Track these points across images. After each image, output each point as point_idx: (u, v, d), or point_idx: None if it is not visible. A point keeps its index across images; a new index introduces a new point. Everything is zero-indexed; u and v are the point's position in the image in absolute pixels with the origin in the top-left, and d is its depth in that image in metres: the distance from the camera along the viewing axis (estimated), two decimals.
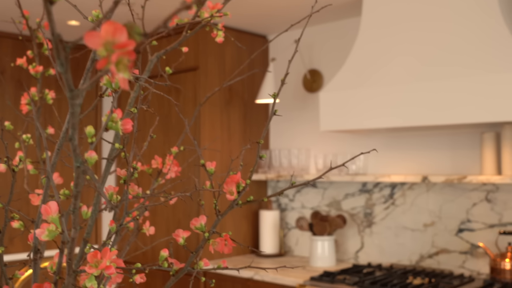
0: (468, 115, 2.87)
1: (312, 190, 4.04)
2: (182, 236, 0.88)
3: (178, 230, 0.88)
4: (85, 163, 0.46)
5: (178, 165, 1.19)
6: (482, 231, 3.29)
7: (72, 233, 0.53)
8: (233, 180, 0.87)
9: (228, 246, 0.87)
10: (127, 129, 0.58)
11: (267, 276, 3.41)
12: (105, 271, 0.60)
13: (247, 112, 4.15)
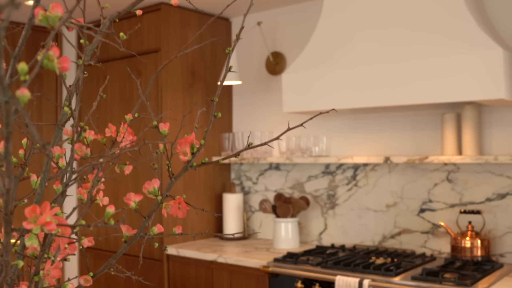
0: (429, 95, 2.88)
1: (275, 172, 4.03)
2: (133, 200, 0.85)
3: (130, 193, 0.85)
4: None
5: (133, 134, 1.15)
6: (443, 211, 3.32)
7: (7, 184, 0.50)
8: (187, 141, 0.83)
9: (182, 209, 0.84)
10: (64, 67, 0.54)
11: (230, 259, 3.39)
12: (45, 227, 0.57)
13: (210, 94, 4.10)
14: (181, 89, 3.89)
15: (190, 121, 3.95)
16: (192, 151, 0.84)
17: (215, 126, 4.13)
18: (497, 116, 3.17)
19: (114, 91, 4.12)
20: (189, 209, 0.83)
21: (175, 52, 3.86)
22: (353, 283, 2.79)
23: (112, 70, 4.11)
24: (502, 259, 3.15)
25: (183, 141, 0.84)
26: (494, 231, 3.17)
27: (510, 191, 3.11)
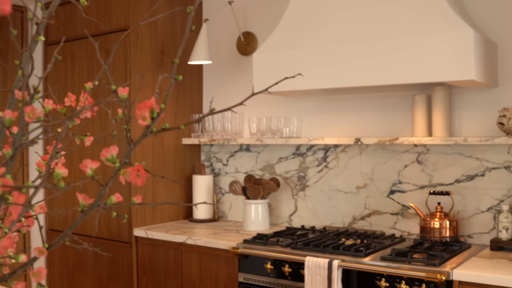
0: (399, 76, 2.87)
1: (245, 154, 4.00)
2: (90, 167, 0.81)
3: (86, 160, 0.81)
4: None
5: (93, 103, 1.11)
6: (413, 192, 3.33)
7: None
8: (146, 105, 0.80)
9: (141, 177, 0.80)
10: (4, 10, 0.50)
11: (199, 240, 3.36)
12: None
13: (180, 74, 4.01)
14: (150, 69, 3.83)
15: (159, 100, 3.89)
16: (152, 116, 0.80)
17: (184, 107, 4.07)
18: (467, 98, 3.17)
19: (82, 70, 4.03)
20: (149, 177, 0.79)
21: (144, 30, 3.79)
22: (322, 263, 2.78)
23: (79, 49, 4.03)
24: (470, 239, 3.17)
25: (142, 105, 0.80)
26: (462, 212, 3.18)
27: (479, 172, 3.13)
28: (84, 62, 4.01)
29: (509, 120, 2.89)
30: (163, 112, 0.78)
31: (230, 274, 3.27)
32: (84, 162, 0.80)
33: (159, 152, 3.89)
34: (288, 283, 3.00)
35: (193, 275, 3.43)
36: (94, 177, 0.82)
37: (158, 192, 3.89)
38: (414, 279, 2.62)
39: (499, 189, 3.08)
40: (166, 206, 3.94)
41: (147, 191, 3.80)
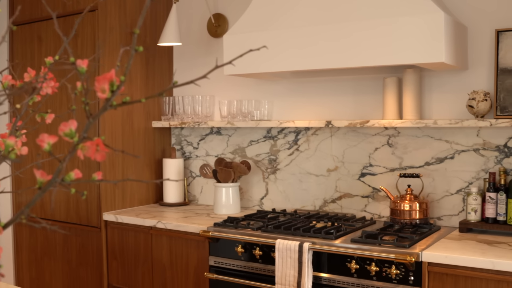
0: (370, 58, 2.86)
1: (216, 137, 3.96)
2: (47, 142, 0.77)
3: (43, 135, 0.77)
4: None
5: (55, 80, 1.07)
6: (384, 175, 3.33)
7: None
8: (105, 78, 0.76)
9: (100, 152, 0.77)
10: None
11: (169, 224, 3.33)
12: None
13: (150, 56, 3.99)
14: (118, 51, 3.76)
15: (128, 83, 3.84)
16: (111, 89, 0.77)
17: (154, 90, 4.02)
18: (437, 81, 3.18)
19: (50, 51, 3.95)
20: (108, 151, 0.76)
21: (113, 11, 3.72)
22: (293, 246, 2.78)
23: (47, 30, 3.95)
24: (439, 222, 3.19)
25: (101, 78, 0.76)
26: (432, 194, 3.20)
27: (449, 155, 3.14)
28: (51, 43, 3.93)
29: (478, 103, 2.90)
30: (123, 84, 0.75)
31: (200, 258, 3.25)
32: (40, 137, 0.77)
33: (128, 135, 3.84)
34: (259, 266, 2.99)
35: (163, 259, 3.41)
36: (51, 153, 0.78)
37: (128, 175, 3.84)
38: (384, 260, 2.62)
39: (468, 171, 3.10)
40: (136, 190, 3.90)
41: (116, 174, 3.75)
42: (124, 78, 0.75)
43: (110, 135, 3.70)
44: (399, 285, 2.59)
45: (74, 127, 0.77)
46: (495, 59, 2.97)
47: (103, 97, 0.76)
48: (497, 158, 3.02)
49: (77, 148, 0.76)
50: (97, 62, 3.64)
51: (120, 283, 3.62)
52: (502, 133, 3.01)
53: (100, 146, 0.76)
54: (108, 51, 3.68)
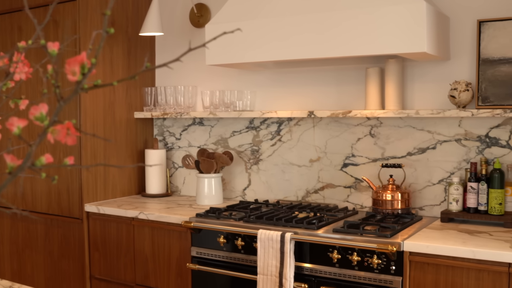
0: (352, 48, 2.85)
1: (199, 128, 3.95)
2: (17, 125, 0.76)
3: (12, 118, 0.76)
4: None
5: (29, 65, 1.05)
6: (366, 165, 3.34)
7: None
8: (76, 60, 0.75)
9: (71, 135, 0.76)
10: None
11: (151, 215, 3.32)
12: None
13: (131, 46, 3.96)
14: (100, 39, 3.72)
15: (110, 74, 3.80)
16: (82, 72, 0.75)
17: (136, 81, 3.99)
18: (419, 71, 3.18)
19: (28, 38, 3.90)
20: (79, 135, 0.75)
21: (94, 2, 3.68)
22: (275, 236, 2.77)
23: (27, 20, 3.90)
24: (421, 212, 3.20)
25: (72, 60, 0.75)
26: (414, 184, 3.21)
27: (431, 145, 3.15)
28: (32, 33, 3.88)
29: (460, 93, 2.91)
30: (94, 67, 0.73)
31: (183, 248, 3.23)
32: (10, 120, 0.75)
33: (110, 126, 3.81)
34: (241, 257, 2.98)
35: (145, 250, 3.39)
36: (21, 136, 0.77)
37: (109, 167, 3.81)
38: (366, 250, 2.63)
39: (450, 161, 3.11)
40: (118, 180, 3.87)
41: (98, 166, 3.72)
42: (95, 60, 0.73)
43: (91, 126, 3.67)
44: (381, 274, 2.60)
45: (45, 110, 0.76)
46: (477, 49, 2.98)
47: (74, 79, 0.74)
48: (479, 148, 3.03)
49: (47, 132, 0.75)
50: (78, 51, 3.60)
51: (102, 274, 3.60)
52: (483, 123, 3.02)
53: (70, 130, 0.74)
54: (89, 41, 3.64)
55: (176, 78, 4.03)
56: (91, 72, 0.72)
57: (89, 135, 0.74)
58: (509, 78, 2.91)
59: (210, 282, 3.11)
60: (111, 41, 3.80)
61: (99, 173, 3.74)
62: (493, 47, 2.95)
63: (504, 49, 2.92)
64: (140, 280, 3.43)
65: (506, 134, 2.97)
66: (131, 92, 3.97)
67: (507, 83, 2.91)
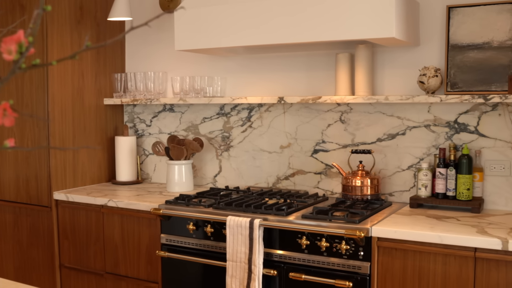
0: (321, 33, 2.83)
1: (169, 114, 3.91)
2: None
3: None
4: None
5: None
6: (336, 151, 3.33)
7: None
8: (12, 39, 0.72)
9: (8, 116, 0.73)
10: None
11: (121, 202, 3.28)
12: None
13: (101, 31, 3.90)
14: (68, 26, 3.66)
15: (78, 60, 3.75)
16: (20, 51, 0.72)
17: (106, 67, 3.94)
18: (389, 57, 3.18)
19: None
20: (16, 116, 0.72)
21: None
22: (244, 223, 2.76)
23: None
24: (391, 197, 3.21)
25: (8, 39, 0.72)
26: (384, 170, 3.22)
27: (400, 131, 3.15)
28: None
29: (429, 79, 2.91)
30: (32, 46, 0.71)
31: (152, 236, 3.21)
32: None
33: (79, 113, 3.76)
34: (211, 244, 2.97)
35: (115, 237, 3.36)
36: None
37: (79, 153, 3.77)
38: (334, 236, 2.63)
39: (419, 147, 3.12)
40: (88, 168, 3.83)
41: (67, 153, 3.67)
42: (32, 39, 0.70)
43: (59, 112, 3.61)
44: (349, 260, 2.60)
45: None
46: (446, 35, 2.98)
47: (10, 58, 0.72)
48: (448, 134, 3.04)
49: None
50: (45, 38, 3.53)
51: (72, 263, 3.56)
52: (452, 109, 3.03)
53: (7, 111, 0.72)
54: (56, 26, 3.58)
55: (146, 64, 3.99)
56: (28, 51, 0.70)
57: (26, 115, 0.72)
58: (477, 64, 2.92)
59: (180, 269, 3.09)
60: (80, 27, 3.74)
61: (68, 161, 3.69)
62: (462, 33, 2.96)
63: (472, 35, 2.93)
64: (110, 268, 3.40)
65: (474, 120, 2.98)
66: (101, 78, 3.91)
67: (476, 69, 2.92)
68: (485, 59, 2.91)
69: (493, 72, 2.89)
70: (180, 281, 3.10)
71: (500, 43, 2.88)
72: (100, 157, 3.93)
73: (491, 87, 2.89)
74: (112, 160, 4.01)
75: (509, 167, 2.92)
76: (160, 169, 3.99)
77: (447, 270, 2.43)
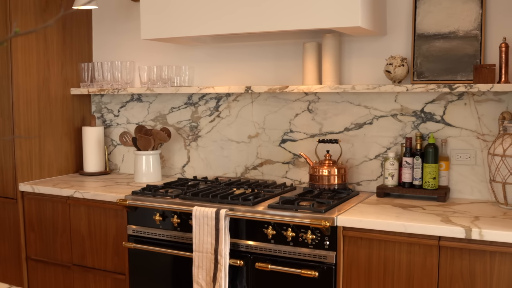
0: (288, 22, 2.81)
1: (137, 104, 3.87)
2: None
3: None
4: None
5: None
6: (304, 141, 3.33)
7: None
8: None
9: None
10: None
11: (87, 194, 3.24)
12: None
13: (67, 20, 3.83)
14: (33, 14, 3.59)
15: (44, 49, 3.68)
16: None
17: (72, 56, 3.88)
18: (356, 46, 3.17)
19: None
20: None
21: None
22: (209, 213, 2.74)
23: None
24: (359, 187, 3.22)
25: None
26: (352, 160, 3.22)
27: (367, 120, 3.16)
28: None
29: (395, 68, 2.91)
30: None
31: (119, 227, 3.18)
32: None
33: (45, 103, 3.70)
34: (178, 234, 2.95)
35: (82, 229, 3.32)
36: None
37: (45, 144, 3.71)
38: (300, 226, 2.62)
39: (386, 137, 3.12)
40: (55, 159, 3.77)
41: (33, 144, 3.62)
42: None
43: (24, 103, 3.55)
44: (315, 250, 2.60)
45: None
46: (413, 24, 2.99)
47: None
48: (414, 124, 3.05)
49: None
50: (9, 27, 3.47)
51: (39, 255, 3.52)
52: (419, 98, 3.03)
53: None
54: (21, 14, 3.51)
55: (114, 54, 3.94)
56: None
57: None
58: (443, 54, 2.92)
59: (147, 261, 3.07)
60: (45, 16, 3.67)
61: (34, 152, 3.63)
62: (428, 22, 2.96)
63: (439, 25, 2.94)
64: (77, 260, 3.37)
65: (440, 109, 2.99)
66: (67, 68, 3.85)
67: (442, 59, 2.93)
68: (451, 48, 2.91)
69: (459, 62, 2.89)
70: (147, 272, 3.08)
71: (465, 33, 2.89)
72: (67, 148, 3.88)
73: (457, 76, 2.90)
74: (80, 151, 3.96)
75: (475, 156, 2.94)
76: (129, 160, 3.96)
77: (412, 259, 2.44)
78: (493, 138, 2.87)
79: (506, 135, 2.70)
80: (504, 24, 2.82)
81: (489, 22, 2.86)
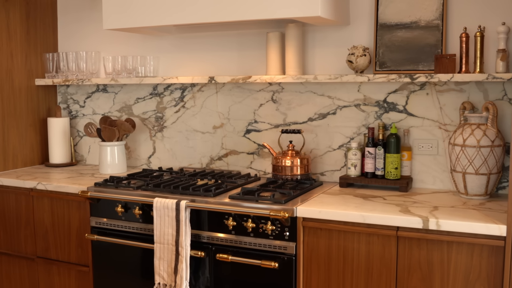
0: (248, 12, 2.79)
1: (103, 95, 3.83)
2: None
3: None
4: None
5: None
6: (268, 131, 3.32)
7: None
8: None
9: None
10: None
11: (50, 185, 3.21)
12: None
13: (31, 10, 3.78)
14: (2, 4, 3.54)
15: (7, 39, 3.63)
16: None
17: (37, 46, 3.83)
18: (320, 36, 3.16)
19: None
20: None
21: None
22: (170, 204, 2.72)
23: None
24: (322, 177, 3.22)
25: None
26: (315, 150, 3.21)
27: (331, 110, 3.15)
28: None
29: (357, 58, 2.91)
30: None
31: (82, 219, 3.15)
32: None
33: (8, 94, 3.65)
34: (140, 226, 2.93)
35: (45, 221, 3.29)
36: None
37: (9, 135, 3.67)
38: (260, 217, 2.61)
39: (349, 127, 3.12)
40: (19, 150, 3.73)
41: None
42: None
43: None
44: (276, 240, 2.59)
45: None
46: (375, 14, 2.98)
47: None
48: (377, 114, 3.05)
49: None
50: None
51: (3, 248, 3.48)
52: (381, 88, 3.03)
53: None
54: None
55: (80, 44, 3.89)
56: None
57: None
58: (405, 44, 2.92)
59: (110, 252, 3.05)
60: (7, 5, 3.61)
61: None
62: (390, 12, 2.96)
63: (401, 14, 2.93)
64: (41, 252, 3.34)
65: (403, 99, 2.99)
66: (31, 59, 3.80)
67: (404, 48, 2.92)
68: (413, 38, 2.91)
69: (421, 52, 2.89)
70: (110, 264, 3.06)
71: (427, 23, 2.88)
72: (32, 139, 3.84)
73: (418, 66, 2.90)
74: (46, 142, 3.92)
75: (437, 146, 2.95)
76: (95, 151, 3.92)
77: (371, 249, 2.44)
78: (455, 128, 2.88)
79: (466, 125, 2.71)
80: (465, 14, 2.83)
81: (450, 12, 2.86)
